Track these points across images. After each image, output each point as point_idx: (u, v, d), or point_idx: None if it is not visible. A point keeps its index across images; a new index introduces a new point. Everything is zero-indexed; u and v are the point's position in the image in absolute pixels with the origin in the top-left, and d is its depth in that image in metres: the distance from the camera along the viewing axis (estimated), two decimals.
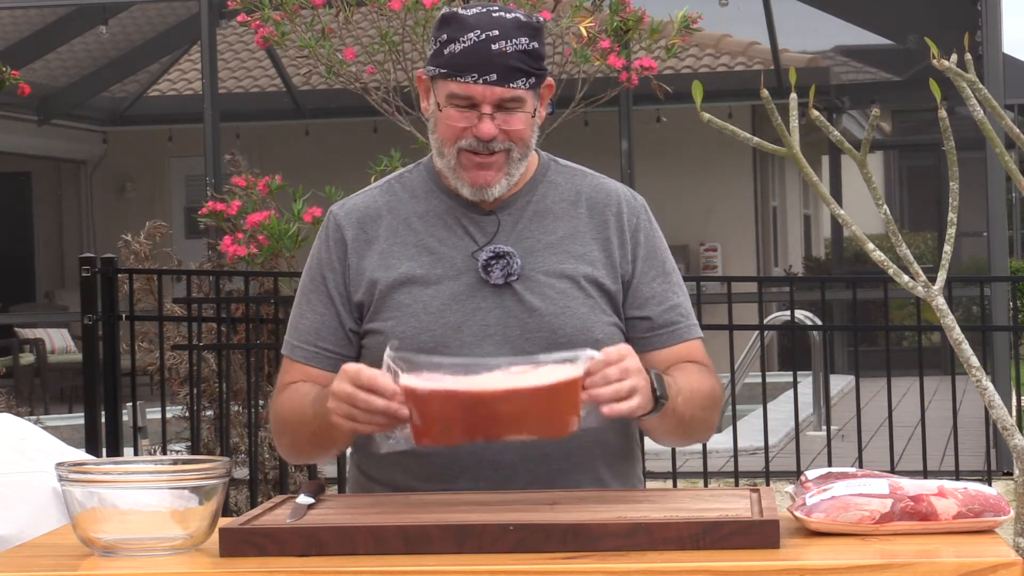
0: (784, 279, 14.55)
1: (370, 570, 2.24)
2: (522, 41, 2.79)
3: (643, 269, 2.90)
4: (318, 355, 2.87)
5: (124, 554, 2.35)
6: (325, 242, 2.92)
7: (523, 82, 2.79)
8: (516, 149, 2.83)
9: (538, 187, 2.92)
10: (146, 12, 15.57)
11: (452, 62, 2.79)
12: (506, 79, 2.78)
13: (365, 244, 2.88)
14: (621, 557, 2.24)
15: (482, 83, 2.77)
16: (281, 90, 16.81)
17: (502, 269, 2.82)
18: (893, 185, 23.15)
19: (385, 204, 2.91)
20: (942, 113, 3.24)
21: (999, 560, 2.17)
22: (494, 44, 2.77)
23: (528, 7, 7.41)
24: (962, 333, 3.33)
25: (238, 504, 7.21)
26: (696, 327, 2.96)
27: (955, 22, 12.48)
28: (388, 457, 2.80)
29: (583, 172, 2.98)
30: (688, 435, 2.87)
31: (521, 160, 2.85)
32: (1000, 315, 9.82)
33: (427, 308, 2.81)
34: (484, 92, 2.78)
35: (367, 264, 2.86)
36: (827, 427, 7.81)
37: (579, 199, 2.92)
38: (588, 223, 2.89)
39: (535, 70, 2.81)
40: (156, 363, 7.22)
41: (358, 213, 2.91)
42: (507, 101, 2.79)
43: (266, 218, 7.30)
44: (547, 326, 2.80)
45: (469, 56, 2.78)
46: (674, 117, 15.84)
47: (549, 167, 2.96)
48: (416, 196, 2.91)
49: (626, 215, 2.92)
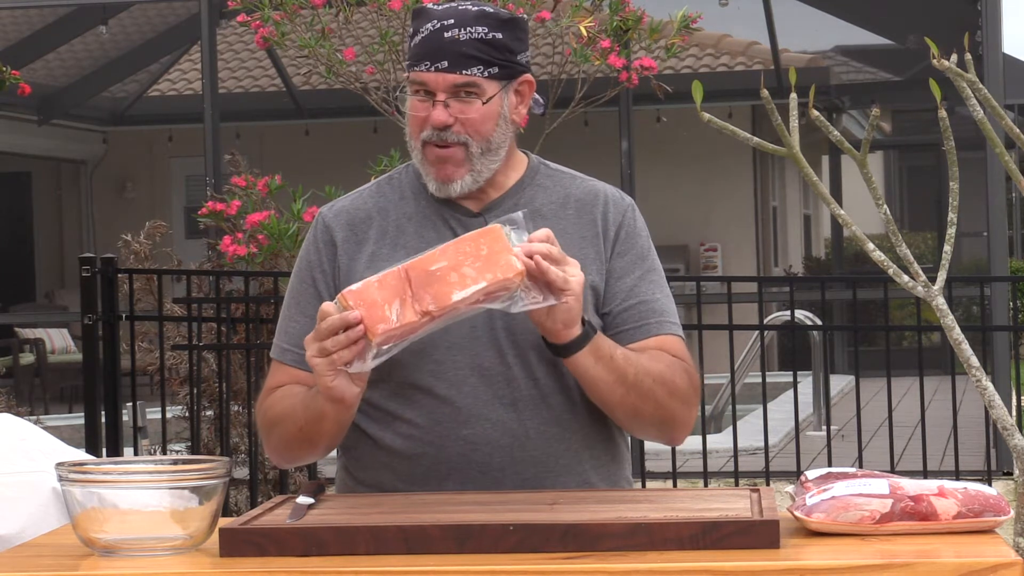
0: (784, 279, 14.55)
1: (370, 570, 2.24)
2: (479, 30, 2.80)
3: (620, 265, 2.88)
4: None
5: (124, 554, 2.35)
6: (314, 244, 2.92)
7: (478, 70, 2.80)
8: (473, 143, 2.82)
9: (526, 190, 2.91)
10: (146, 12, 15.57)
11: (412, 53, 2.85)
12: (457, 66, 2.79)
13: (355, 246, 2.88)
14: (621, 557, 2.24)
15: (434, 70, 2.80)
16: (281, 90, 16.81)
17: None
18: (893, 185, 23.15)
19: (374, 206, 2.92)
20: (942, 113, 3.24)
21: (999, 560, 2.17)
22: (447, 32, 2.80)
23: (528, 7, 7.41)
24: (962, 333, 3.33)
25: (238, 504, 7.21)
26: (673, 325, 2.88)
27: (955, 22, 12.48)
28: (375, 458, 2.80)
29: (572, 175, 2.97)
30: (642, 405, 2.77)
31: (484, 155, 2.83)
32: (1000, 315, 9.82)
33: None
34: (436, 79, 2.80)
35: (357, 266, 2.86)
36: (827, 427, 7.81)
37: (568, 201, 2.91)
38: (576, 224, 2.89)
39: (497, 60, 2.81)
40: (156, 363, 7.22)
41: (347, 215, 2.92)
42: (460, 87, 2.80)
43: (266, 218, 7.30)
44: (532, 328, 2.79)
45: (424, 44, 2.82)
46: (674, 117, 15.84)
47: (538, 170, 2.95)
48: (405, 198, 2.91)
49: (611, 213, 2.91)
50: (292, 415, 2.80)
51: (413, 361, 2.78)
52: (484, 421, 2.77)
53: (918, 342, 8.07)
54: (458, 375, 2.78)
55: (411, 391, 2.80)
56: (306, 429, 2.77)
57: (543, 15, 7.50)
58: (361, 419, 2.85)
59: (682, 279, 12.11)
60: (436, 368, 2.78)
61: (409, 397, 2.80)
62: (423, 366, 2.78)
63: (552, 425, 2.80)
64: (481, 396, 2.78)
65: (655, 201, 15.88)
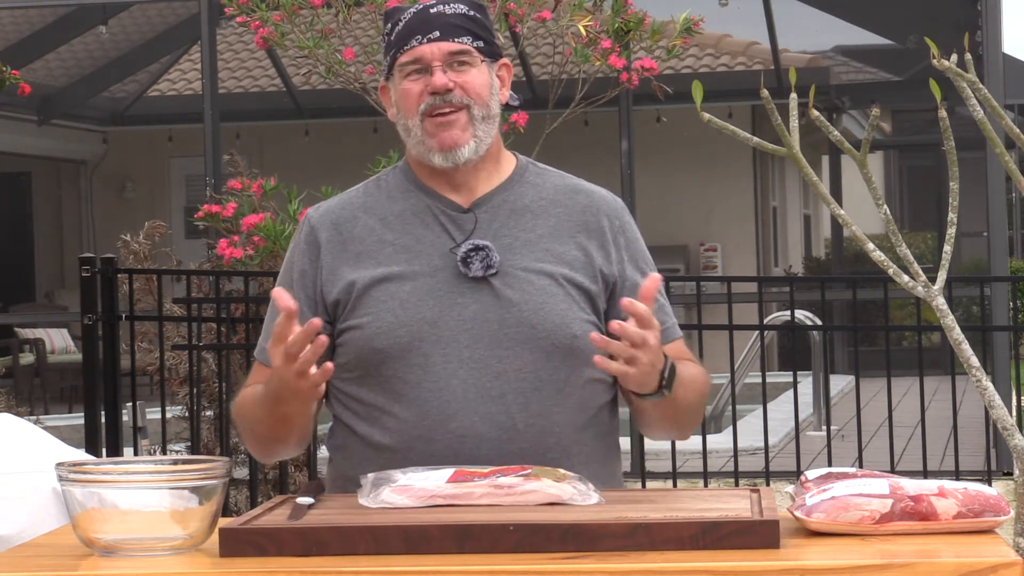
0: (784, 279, 14.55)
1: (370, 570, 2.24)
2: (460, 7, 2.88)
3: (631, 272, 2.90)
4: None
5: (124, 554, 2.35)
6: (298, 245, 2.94)
7: (469, 40, 2.85)
8: (475, 106, 2.85)
9: (515, 186, 2.92)
10: (146, 12, 15.57)
11: (397, 40, 2.87)
12: (449, 34, 2.85)
13: (340, 244, 2.89)
14: (621, 557, 2.24)
15: (426, 42, 2.84)
16: (281, 90, 16.81)
17: (481, 261, 2.82)
18: (893, 185, 23.15)
19: (361, 205, 2.93)
20: (942, 113, 3.24)
21: (999, 560, 2.17)
22: (432, 8, 2.86)
23: (528, 7, 7.41)
24: (962, 333, 3.32)
25: (238, 504, 7.21)
26: (676, 327, 2.97)
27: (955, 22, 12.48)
28: (365, 455, 2.81)
29: (561, 175, 2.99)
30: (678, 425, 2.90)
31: (484, 121, 2.87)
32: (1000, 315, 9.82)
33: (403, 303, 2.82)
34: (431, 49, 2.84)
35: (343, 264, 2.87)
36: (827, 427, 7.81)
37: (558, 199, 2.93)
38: (566, 223, 2.90)
39: (480, 35, 2.87)
40: (156, 363, 7.22)
41: (333, 215, 2.93)
42: (456, 55, 2.85)
43: (261, 220, 7.29)
44: (525, 321, 2.80)
45: (410, 26, 2.86)
46: (674, 117, 15.84)
47: (527, 169, 2.97)
48: (393, 196, 2.92)
49: (607, 218, 2.92)
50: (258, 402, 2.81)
51: (400, 355, 2.78)
52: (472, 414, 2.78)
53: (918, 342, 8.07)
54: (447, 368, 2.78)
55: (399, 385, 2.80)
56: (272, 411, 2.78)
57: (544, 15, 7.50)
58: (349, 416, 2.86)
59: (682, 279, 12.11)
60: (424, 361, 2.78)
61: (397, 391, 2.80)
62: (410, 360, 2.78)
63: (541, 418, 2.80)
64: (469, 389, 2.78)
65: (655, 201, 15.89)
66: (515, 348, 2.80)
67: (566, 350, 2.81)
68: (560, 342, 2.81)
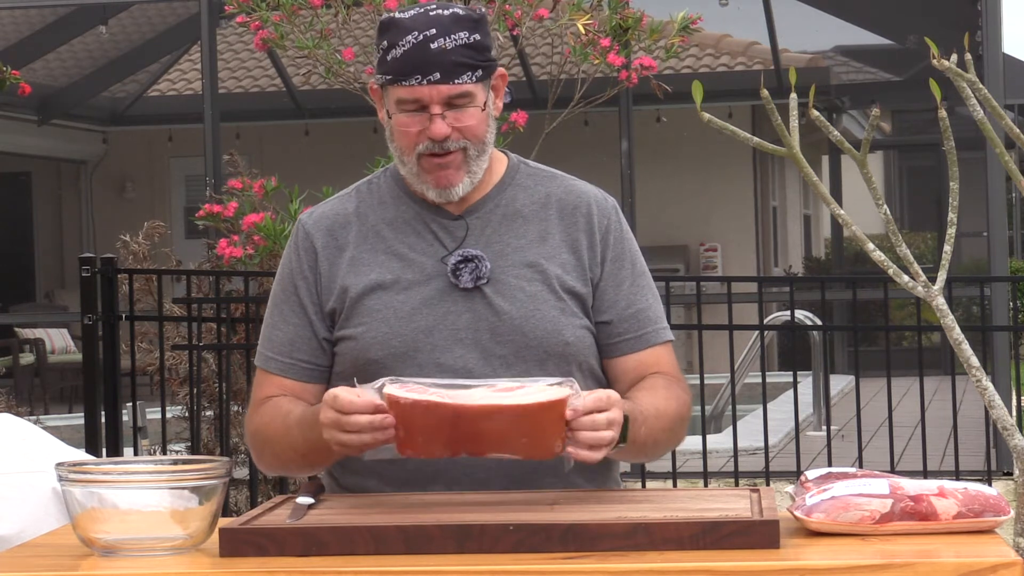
0: (784, 279, 14.55)
1: (370, 570, 2.24)
2: (461, 36, 2.78)
3: (610, 271, 2.89)
4: (294, 366, 2.87)
5: (124, 554, 2.35)
6: (295, 251, 2.91)
7: (469, 76, 2.79)
8: (472, 146, 2.82)
9: (507, 190, 2.91)
10: (146, 12, 15.57)
11: (395, 68, 2.79)
12: (450, 76, 2.77)
13: (336, 251, 2.88)
14: (621, 557, 2.24)
15: (426, 84, 2.77)
16: (281, 90, 16.81)
17: (471, 273, 2.81)
18: (893, 185, 23.14)
19: (354, 211, 2.91)
20: (942, 113, 3.24)
21: (999, 560, 2.17)
22: (433, 43, 2.77)
23: (525, 7, 7.41)
24: (962, 333, 3.32)
25: (238, 504, 7.21)
26: (666, 331, 2.93)
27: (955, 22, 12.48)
28: (360, 463, 2.79)
29: (553, 175, 2.97)
30: (643, 457, 2.89)
31: (479, 156, 2.84)
32: (1000, 315, 9.82)
33: (397, 313, 2.81)
34: (430, 92, 2.77)
35: (338, 271, 2.86)
36: (827, 427, 7.81)
37: (549, 201, 2.91)
38: (558, 226, 2.89)
39: (480, 62, 2.80)
40: (156, 363, 7.22)
41: (327, 221, 2.91)
42: (455, 98, 2.79)
43: (262, 219, 7.29)
44: (517, 329, 2.80)
45: (410, 59, 2.77)
46: (674, 117, 15.84)
47: (518, 169, 2.95)
48: (384, 202, 2.91)
49: (596, 216, 2.91)
50: (289, 441, 2.79)
51: (397, 365, 2.77)
52: None
53: (918, 342, 8.07)
54: (442, 377, 2.78)
55: None
56: (309, 456, 2.77)
57: (541, 13, 7.49)
58: None
59: (682, 279, 12.10)
60: (419, 372, 2.77)
61: None
62: (406, 370, 2.77)
63: None
64: None
65: (655, 201, 15.89)
66: (508, 356, 2.79)
67: (559, 357, 2.81)
68: (553, 349, 2.81)
